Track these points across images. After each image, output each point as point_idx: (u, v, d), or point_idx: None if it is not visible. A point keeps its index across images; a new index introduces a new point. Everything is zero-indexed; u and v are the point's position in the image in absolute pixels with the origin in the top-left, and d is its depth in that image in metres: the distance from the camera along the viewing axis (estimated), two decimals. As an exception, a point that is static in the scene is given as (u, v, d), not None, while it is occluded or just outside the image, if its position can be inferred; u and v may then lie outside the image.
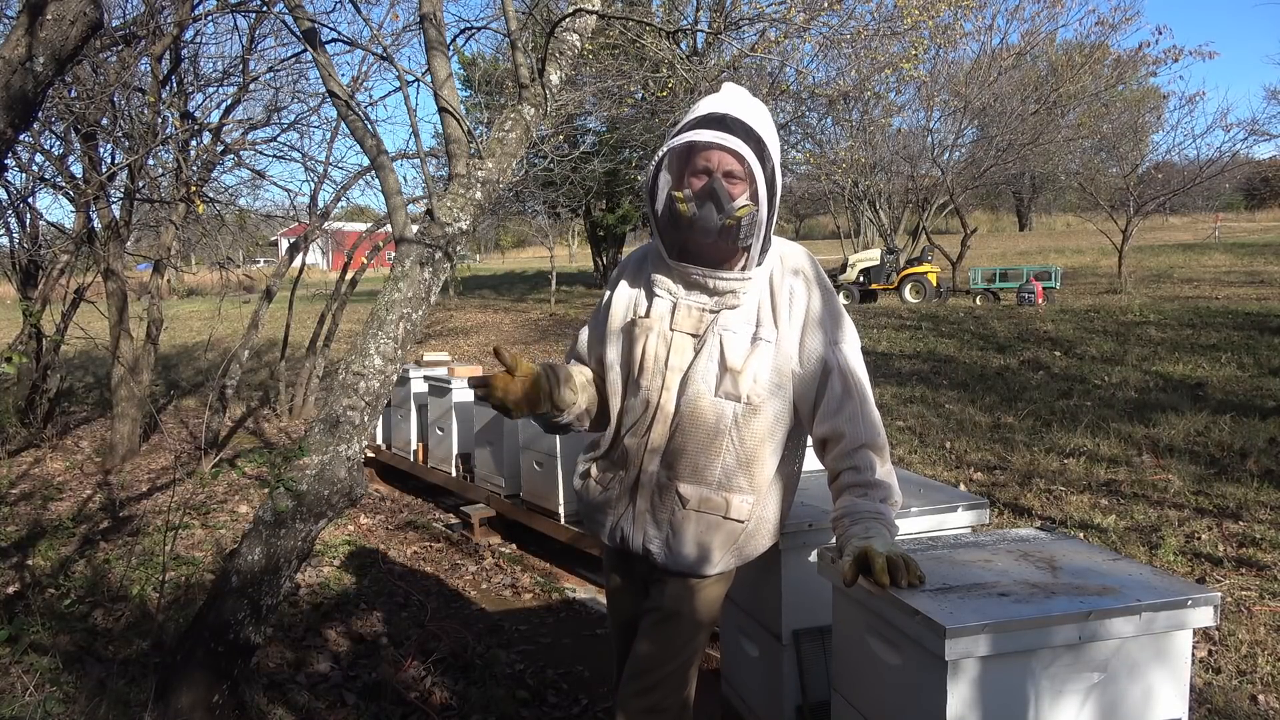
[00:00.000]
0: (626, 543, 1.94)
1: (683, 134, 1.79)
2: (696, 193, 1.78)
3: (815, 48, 12.58)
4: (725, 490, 1.86)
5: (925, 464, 6.01)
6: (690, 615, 1.92)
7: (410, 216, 2.96)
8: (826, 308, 1.88)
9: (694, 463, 1.85)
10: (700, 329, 1.87)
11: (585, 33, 3.03)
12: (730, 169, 1.78)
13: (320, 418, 2.70)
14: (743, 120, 1.78)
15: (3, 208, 6.94)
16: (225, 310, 8.67)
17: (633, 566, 2.01)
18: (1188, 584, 1.74)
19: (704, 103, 1.86)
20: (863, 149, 17.90)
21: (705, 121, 1.78)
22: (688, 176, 1.81)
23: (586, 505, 2.05)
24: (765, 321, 1.85)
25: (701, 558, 1.88)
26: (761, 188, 1.77)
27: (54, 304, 7.20)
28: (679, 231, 1.83)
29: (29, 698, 2.65)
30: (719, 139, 1.75)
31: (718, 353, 1.84)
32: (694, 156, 1.80)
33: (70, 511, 5.36)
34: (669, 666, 1.92)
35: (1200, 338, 9.96)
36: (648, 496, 1.90)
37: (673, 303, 1.89)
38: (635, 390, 1.90)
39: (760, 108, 1.86)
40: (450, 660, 3.40)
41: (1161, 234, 29.94)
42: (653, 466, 1.88)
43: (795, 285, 1.88)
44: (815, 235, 49.99)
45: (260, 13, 6.36)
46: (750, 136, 1.78)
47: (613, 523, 1.96)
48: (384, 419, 6.60)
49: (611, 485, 1.96)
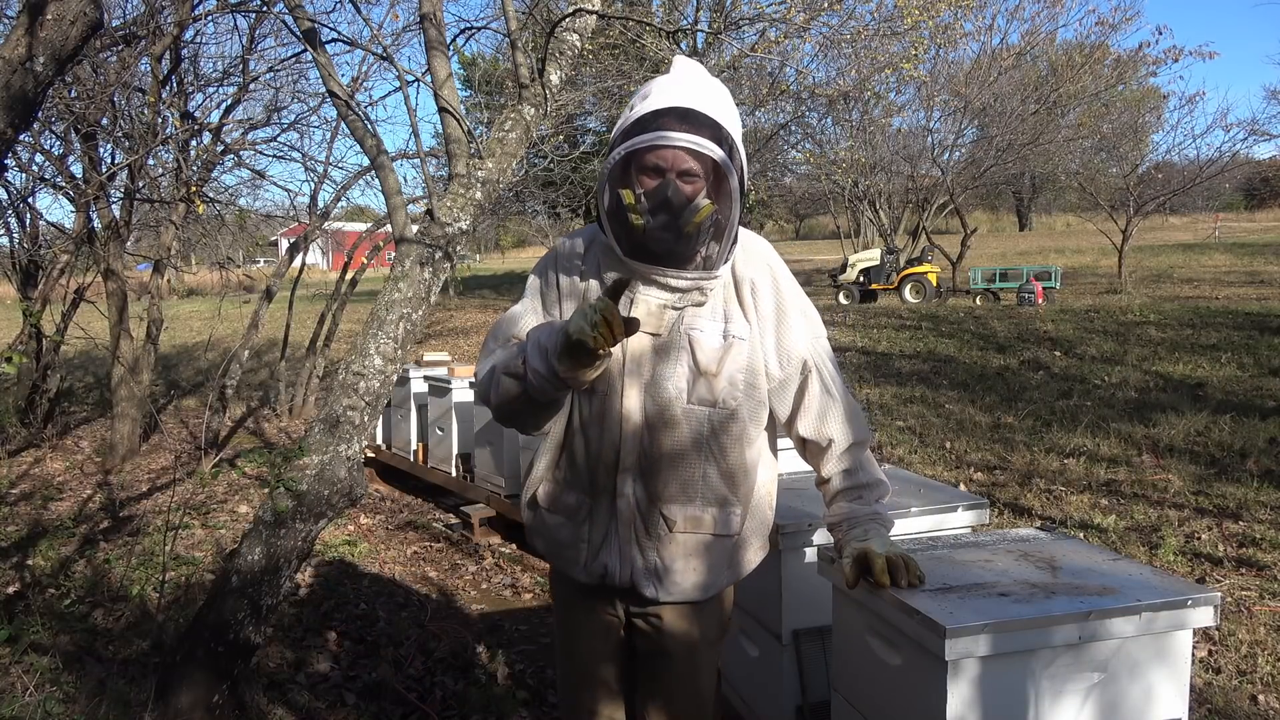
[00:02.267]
0: (610, 578, 1.70)
1: (644, 133, 1.55)
2: (649, 194, 1.56)
3: (815, 48, 12.58)
4: (712, 506, 1.69)
5: (925, 464, 6.01)
6: (698, 645, 1.77)
7: (410, 216, 2.97)
8: (797, 301, 1.74)
9: (674, 479, 1.66)
10: (663, 328, 1.65)
11: (585, 33, 3.03)
12: (687, 167, 1.55)
13: (320, 418, 2.71)
14: (708, 115, 1.56)
15: (3, 208, 6.94)
16: (225, 310, 8.66)
17: (613, 602, 1.77)
18: (1188, 584, 1.74)
19: (657, 89, 1.62)
20: (863, 149, 17.89)
21: (663, 115, 1.56)
22: (637, 174, 1.57)
23: (549, 542, 1.79)
24: (735, 317, 1.67)
25: (697, 583, 1.71)
26: (733, 188, 1.57)
27: (54, 304, 7.20)
28: (628, 231, 1.59)
29: (29, 698, 2.65)
30: (688, 142, 1.53)
31: (688, 355, 1.65)
32: (644, 152, 1.56)
33: (70, 511, 5.36)
34: (700, 707, 1.81)
35: (1200, 338, 9.95)
36: (629, 523, 1.68)
37: (629, 299, 1.64)
38: (589, 398, 1.68)
39: (720, 90, 1.64)
40: (450, 660, 3.40)
41: (1161, 234, 29.92)
42: (628, 488, 1.67)
43: (762, 277, 1.70)
44: (815, 235, 49.98)
45: (260, 13, 6.36)
46: (717, 133, 1.56)
47: (588, 557, 1.72)
48: (384, 419, 6.60)
49: (578, 514, 1.72)
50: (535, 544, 1.84)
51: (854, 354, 10.79)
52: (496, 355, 1.70)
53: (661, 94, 1.60)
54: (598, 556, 1.71)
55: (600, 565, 1.71)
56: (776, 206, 36.88)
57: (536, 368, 1.55)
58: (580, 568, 1.73)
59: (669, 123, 1.55)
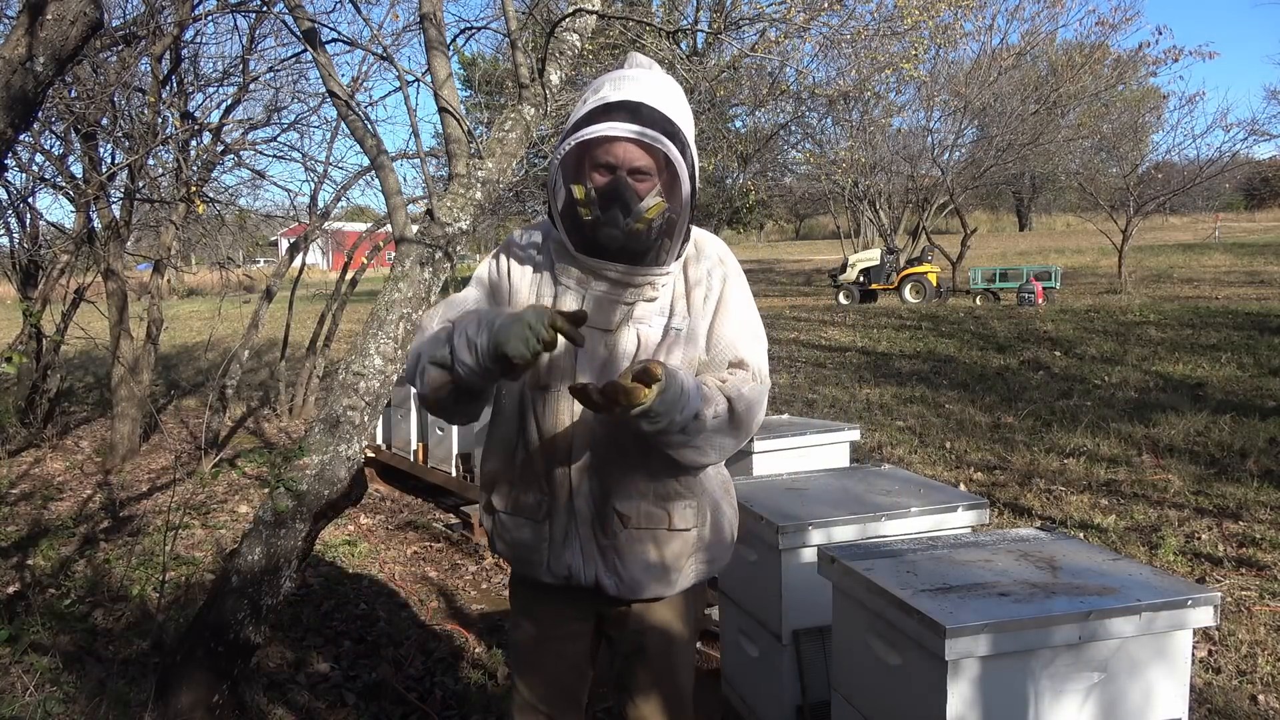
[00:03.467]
0: (574, 577, 1.68)
1: (590, 125, 1.53)
2: (600, 190, 1.55)
3: (815, 48, 12.57)
4: (663, 500, 1.67)
5: (925, 464, 6.01)
6: (672, 641, 1.76)
7: (410, 216, 2.97)
8: (742, 298, 1.71)
9: (624, 474, 1.65)
10: (613, 323, 1.65)
11: (585, 33, 3.03)
12: (638, 164, 1.54)
13: (320, 418, 2.71)
14: (659, 110, 1.55)
15: (3, 208, 6.95)
16: (225, 310, 8.66)
17: (579, 602, 1.74)
18: (1188, 584, 1.74)
19: (609, 82, 1.60)
20: (863, 149, 17.89)
21: (614, 109, 1.54)
22: (589, 170, 1.56)
23: (510, 544, 1.74)
24: (679, 311, 1.67)
25: (658, 578, 1.68)
26: (684, 185, 1.56)
27: (54, 304, 7.20)
28: (577, 227, 1.60)
29: (29, 698, 2.65)
30: (635, 133, 1.52)
31: (633, 349, 1.64)
32: (595, 148, 1.55)
33: (70, 511, 5.36)
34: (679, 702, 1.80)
35: (1200, 338, 9.95)
36: (588, 521, 1.66)
37: (581, 294, 1.65)
38: (540, 395, 1.66)
39: (673, 86, 1.63)
40: (450, 660, 3.41)
41: (1161, 234, 29.93)
42: (584, 485, 1.65)
43: (711, 272, 1.69)
44: (815, 235, 50.02)
45: (260, 13, 6.36)
46: (668, 128, 1.55)
47: (550, 557, 1.68)
48: (384, 419, 6.59)
49: (538, 512, 1.69)
50: (497, 549, 1.80)
51: (854, 354, 10.79)
52: (425, 339, 1.65)
53: (612, 88, 1.58)
54: (560, 556, 1.68)
55: (564, 565, 1.68)
56: (776, 206, 36.85)
57: (464, 360, 1.52)
58: (544, 568, 1.70)
59: (619, 117, 1.53)
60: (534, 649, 1.79)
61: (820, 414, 7.62)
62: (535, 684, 1.79)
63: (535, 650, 1.79)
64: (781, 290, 22.08)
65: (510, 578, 1.89)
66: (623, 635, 1.76)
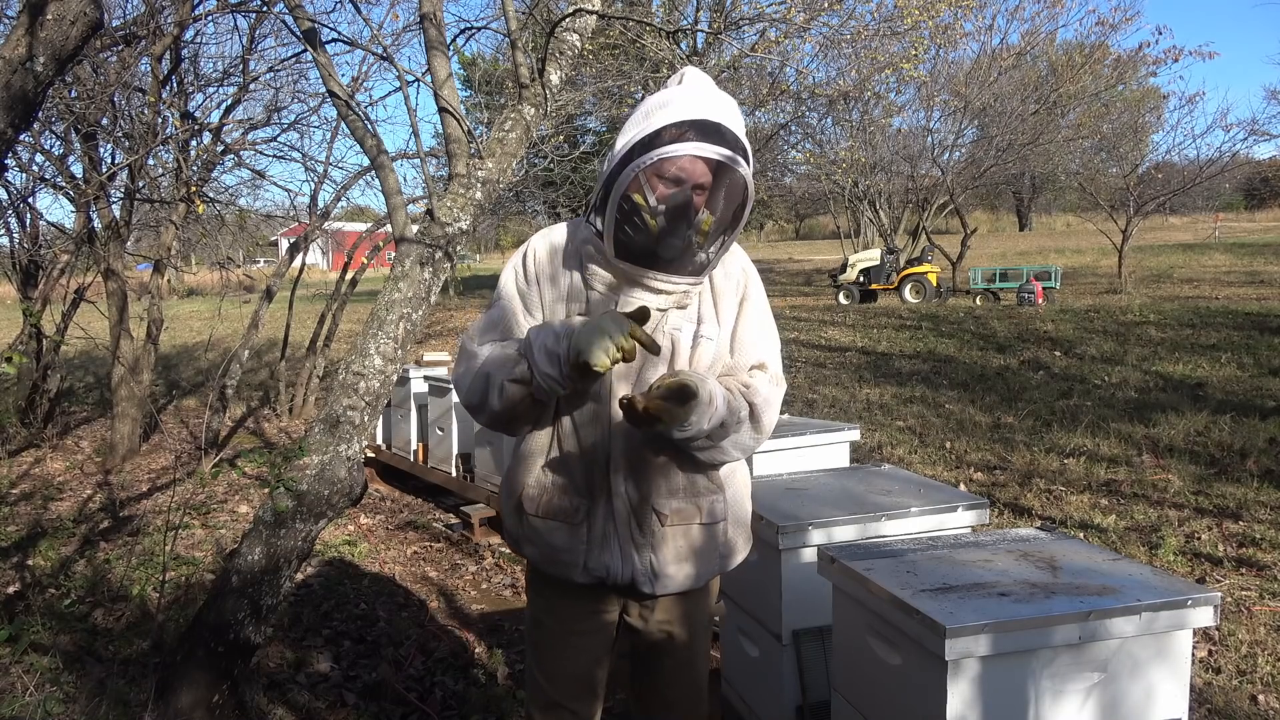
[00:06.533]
0: (611, 578, 1.73)
1: (673, 144, 1.59)
2: (668, 204, 1.60)
3: (815, 48, 12.57)
4: (695, 495, 1.75)
5: (925, 464, 6.01)
6: (694, 634, 1.85)
7: (410, 216, 2.97)
8: (762, 304, 1.81)
9: (661, 475, 1.72)
10: (652, 331, 1.68)
11: (585, 33, 3.03)
12: (702, 181, 1.60)
13: (320, 418, 2.71)
14: (734, 131, 1.62)
15: (3, 208, 6.95)
16: (225, 310, 8.67)
17: (609, 600, 1.80)
18: (1188, 584, 1.74)
19: (679, 100, 1.65)
20: (863, 149, 17.89)
21: (698, 129, 1.60)
22: (653, 179, 1.60)
23: (542, 547, 1.77)
24: (708, 318, 1.74)
25: (690, 573, 1.76)
26: (748, 203, 1.64)
27: (54, 304, 7.21)
28: (634, 235, 1.63)
29: (29, 698, 2.65)
30: (725, 157, 1.58)
31: (668, 355, 1.71)
32: (668, 161, 1.60)
33: (70, 511, 5.36)
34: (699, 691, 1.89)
35: (1200, 338, 9.95)
36: (626, 522, 1.72)
37: (614, 300, 1.70)
38: (579, 401, 1.71)
39: (733, 105, 1.70)
40: (450, 660, 3.41)
41: (1161, 234, 29.94)
42: (623, 487, 1.71)
43: (736, 281, 1.78)
44: (815, 235, 50.03)
45: (260, 13, 6.37)
46: (746, 154, 1.63)
47: (587, 558, 1.73)
48: (384, 419, 6.60)
49: (575, 516, 1.73)
50: (523, 551, 1.83)
51: (854, 354, 10.80)
52: (487, 360, 1.70)
53: (683, 105, 1.63)
54: (598, 557, 1.72)
55: (601, 566, 1.73)
56: (776, 206, 36.88)
57: (548, 373, 1.59)
58: (580, 569, 1.74)
59: (696, 135, 1.59)
60: (558, 645, 1.83)
61: (820, 414, 7.63)
62: (559, 680, 1.83)
63: (559, 647, 1.83)
64: (781, 290, 22.07)
65: (528, 578, 1.92)
66: (648, 627, 1.82)
